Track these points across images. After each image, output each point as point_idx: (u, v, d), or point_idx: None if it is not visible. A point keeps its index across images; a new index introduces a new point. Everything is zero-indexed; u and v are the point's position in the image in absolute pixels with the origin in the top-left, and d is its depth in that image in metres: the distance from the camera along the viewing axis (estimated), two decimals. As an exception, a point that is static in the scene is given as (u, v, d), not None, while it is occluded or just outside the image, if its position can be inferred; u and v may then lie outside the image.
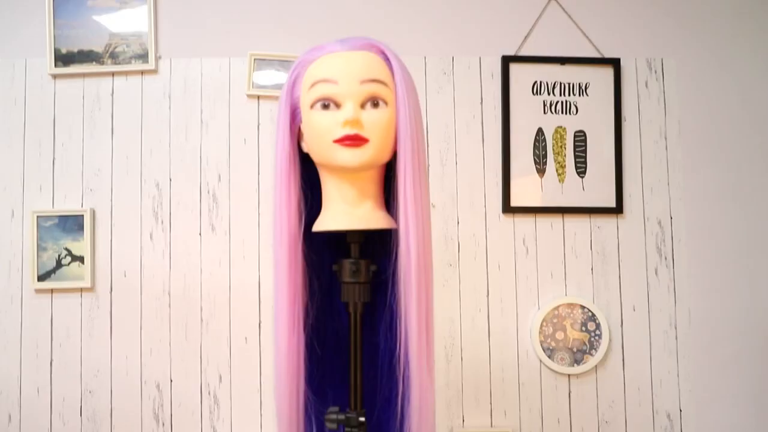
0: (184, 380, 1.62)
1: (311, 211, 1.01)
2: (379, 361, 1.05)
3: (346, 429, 1.01)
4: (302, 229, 0.98)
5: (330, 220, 0.97)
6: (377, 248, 1.05)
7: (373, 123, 0.91)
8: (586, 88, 1.71)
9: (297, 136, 0.99)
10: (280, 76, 1.65)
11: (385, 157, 0.95)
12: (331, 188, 0.98)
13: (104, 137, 1.66)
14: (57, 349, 1.62)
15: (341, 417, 1.01)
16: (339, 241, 1.05)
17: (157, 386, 1.62)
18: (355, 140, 0.90)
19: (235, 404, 1.62)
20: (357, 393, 1.01)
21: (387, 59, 0.95)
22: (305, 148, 0.98)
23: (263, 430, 1.62)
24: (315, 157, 0.96)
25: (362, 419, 1.00)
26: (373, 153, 0.91)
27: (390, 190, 0.99)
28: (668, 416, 1.69)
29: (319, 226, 0.99)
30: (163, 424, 1.61)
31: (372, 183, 0.97)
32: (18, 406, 1.61)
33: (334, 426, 1.01)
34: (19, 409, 1.61)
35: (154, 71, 1.67)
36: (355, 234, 1.00)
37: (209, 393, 1.62)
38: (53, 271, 1.62)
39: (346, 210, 0.96)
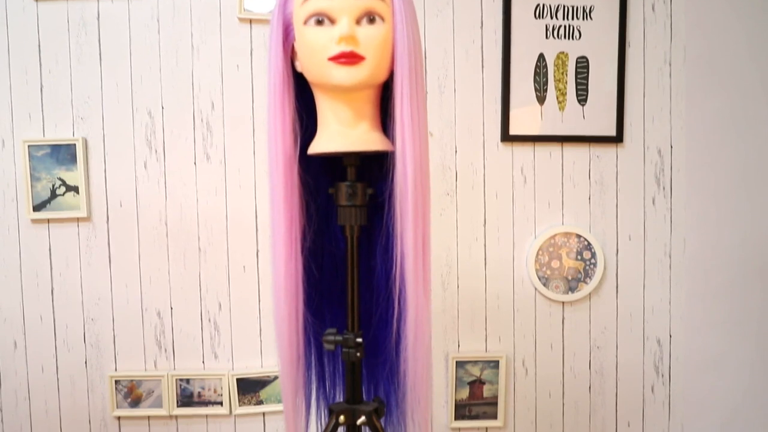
0: (184, 308, 1.65)
1: (306, 135, 0.99)
2: (376, 283, 1.06)
3: (344, 349, 1.03)
4: (298, 152, 0.96)
5: (325, 142, 0.96)
6: (374, 171, 1.03)
7: (369, 39, 0.88)
8: (590, 12, 1.65)
9: (290, 54, 0.96)
10: (271, 1, 1.58)
11: (382, 76, 0.92)
12: (326, 109, 0.95)
13: (92, 63, 1.61)
14: (57, 278, 1.63)
15: (339, 338, 1.03)
16: (335, 164, 1.04)
17: (158, 314, 1.64)
18: (350, 58, 0.87)
19: (235, 330, 1.66)
20: (354, 314, 1.03)
21: None
22: (299, 67, 0.95)
23: (263, 355, 1.66)
24: (309, 76, 0.93)
25: (359, 340, 1.02)
26: (369, 71, 0.89)
27: (387, 112, 0.97)
28: (658, 342, 1.73)
29: (314, 148, 0.97)
30: (165, 350, 1.65)
31: (368, 103, 0.95)
32: (22, 333, 1.64)
33: (331, 347, 1.04)
34: (24, 337, 1.64)
35: (141, -7, 1.60)
36: (351, 156, 0.98)
37: (209, 320, 1.65)
38: (48, 201, 1.61)
39: (341, 131, 0.94)
